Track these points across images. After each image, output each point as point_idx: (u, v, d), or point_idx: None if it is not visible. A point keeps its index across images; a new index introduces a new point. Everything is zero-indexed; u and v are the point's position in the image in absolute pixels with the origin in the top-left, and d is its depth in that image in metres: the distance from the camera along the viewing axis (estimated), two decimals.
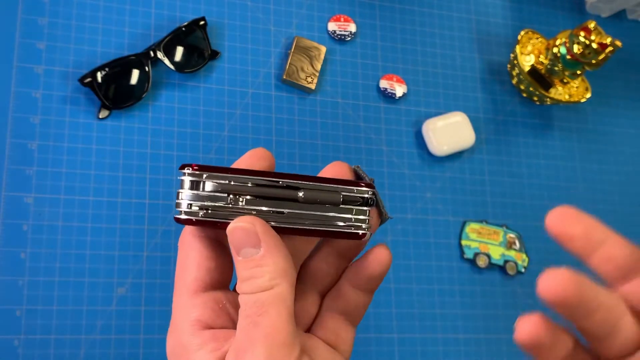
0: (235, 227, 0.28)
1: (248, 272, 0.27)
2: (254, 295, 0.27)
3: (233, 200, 0.28)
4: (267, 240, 0.27)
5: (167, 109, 0.64)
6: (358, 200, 0.29)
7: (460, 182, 0.73)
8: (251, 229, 0.27)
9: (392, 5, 0.76)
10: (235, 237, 0.28)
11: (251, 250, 0.27)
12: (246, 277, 0.27)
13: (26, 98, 0.60)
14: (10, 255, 0.56)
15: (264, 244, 0.27)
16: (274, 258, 0.27)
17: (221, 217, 0.28)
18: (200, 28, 0.66)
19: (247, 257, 0.27)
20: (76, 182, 0.60)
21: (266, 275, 0.27)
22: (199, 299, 0.29)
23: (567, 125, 0.80)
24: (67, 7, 0.63)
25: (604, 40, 0.69)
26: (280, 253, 0.27)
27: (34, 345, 0.55)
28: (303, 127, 0.69)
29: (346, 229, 0.29)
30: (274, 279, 0.27)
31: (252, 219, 0.28)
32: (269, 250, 0.27)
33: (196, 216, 0.28)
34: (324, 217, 0.29)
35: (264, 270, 0.27)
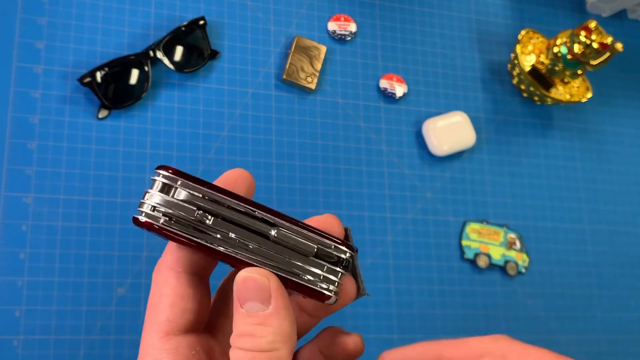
0: (248, 278, 0.25)
1: (249, 327, 0.25)
2: (250, 353, 0.25)
3: (200, 216, 0.26)
4: (278, 299, 0.25)
5: (166, 109, 0.64)
6: (333, 258, 0.27)
7: (461, 182, 0.73)
8: (264, 284, 0.25)
9: (392, 5, 0.76)
10: (245, 287, 0.26)
11: (258, 306, 0.25)
12: (245, 332, 0.25)
13: (25, 98, 0.60)
14: (9, 255, 0.56)
15: (274, 302, 0.25)
16: (281, 320, 0.25)
17: (183, 232, 0.26)
18: (200, 28, 0.66)
19: (251, 312, 0.25)
20: (75, 182, 0.60)
21: (269, 336, 0.25)
22: (171, 343, 0.27)
23: (568, 125, 0.80)
24: (66, 7, 0.63)
25: (605, 40, 0.69)
26: (288, 316, 0.26)
27: (33, 346, 0.55)
28: (303, 127, 0.68)
29: (311, 285, 0.26)
30: (276, 342, 0.25)
31: (267, 273, 0.26)
32: (278, 311, 0.25)
33: (156, 222, 0.26)
34: (291, 264, 0.26)
35: (267, 330, 0.25)
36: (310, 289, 0.27)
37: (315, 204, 0.66)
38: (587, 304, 0.74)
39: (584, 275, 0.75)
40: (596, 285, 0.75)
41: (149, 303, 0.28)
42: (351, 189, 0.68)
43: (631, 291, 0.77)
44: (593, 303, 0.74)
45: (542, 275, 0.73)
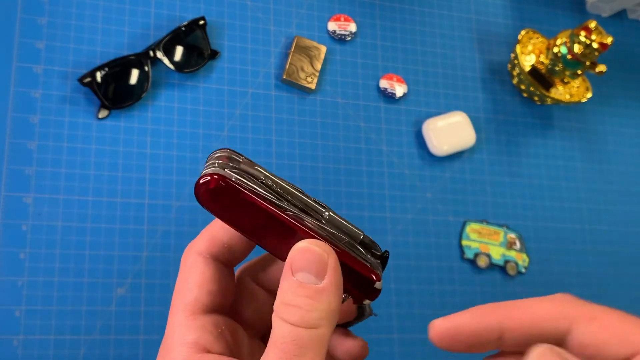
0: (308, 248, 0.25)
1: (297, 298, 0.25)
2: (295, 328, 0.24)
3: (266, 181, 0.26)
4: (333, 275, 0.25)
5: (166, 109, 0.64)
6: (376, 250, 0.27)
7: (461, 182, 0.73)
8: (323, 257, 0.25)
9: (392, 5, 0.76)
10: (303, 257, 0.25)
11: (311, 278, 0.25)
12: (292, 302, 0.25)
13: (25, 98, 0.60)
14: (9, 255, 0.56)
15: (328, 278, 0.25)
16: (331, 297, 0.25)
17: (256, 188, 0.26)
18: (200, 28, 0.66)
19: (303, 282, 0.25)
20: (75, 182, 0.60)
21: (316, 312, 0.25)
22: (198, 321, 0.27)
23: (568, 125, 0.80)
24: (66, 7, 0.63)
25: (605, 40, 0.69)
26: (337, 293, 0.25)
27: (33, 346, 0.55)
28: (303, 127, 0.68)
29: (365, 261, 0.27)
30: (322, 319, 0.25)
31: (328, 248, 0.26)
32: (330, 288, 0.25)
33: (230, 178, 0.25)
34: (343, 241, 0.27)
35: (316, 305, 0.25)
36: (362, 265, 0.26)
37: None
38: None
39: (584, 275, 0.75)
40: (596, 285, 0.75)
41: (177, 285, 0.28)
42: (351, 189, 0.68)
43: (631, 291, 0.77)
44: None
45: (542, 275, 0.73)
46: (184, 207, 0.62)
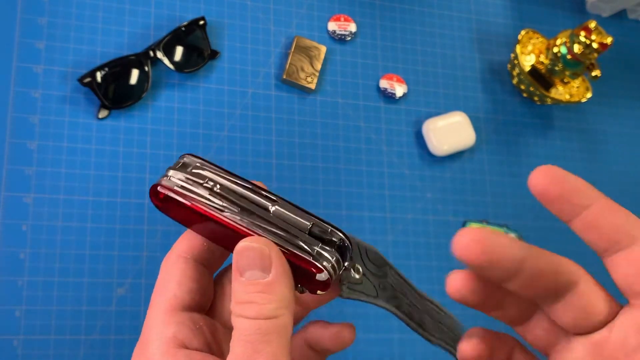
0: (247, 247, 0.26)
1: (248, 295, 0.25)
2: (255, 321, 0.25)
3: (209, 185, 0.27)
4: (278, 266, 0.26)
5: (166, 109, 0.64)
6: (327, 239, 0.27)
7: (461, 182, 0.73)
8: (265, 252, 0.26)
9: (392, 5, 0.76)
10: (245, 257, 0.26)
11: (258, 274, 0.26)
12: (245, 300, 0.25)
13: (25, 98, 0.60)
14: (9, 255, 0.56)
15: (274, 270, 0.26)
16: (282, 287, 0.26)
17: (192, 198, 0.27)
18: (200, 28, 0.66)
19: (251, 280, 0.26)
20: (75, 182, 0.60)
21: (272, 303, 0.25)
22: (177, 317, 0.27)
23: (568, 125, 0.80)
24: (66, 7, 0.63)
25: (605, 40, 0.69)
26: (288, 282, 0.26)
27: (33, 346, 0.55)
28: (303, 127, 0.68)
29: (304, 255, 0.27)
30: (280, 308, 0.25)
31: (267, 241, 0.26)
32: (278, 278, 0.26)
33: (172, 187, 0.27)
34: (287, 237, 0.27)
35: (269, 297, 0.25)
36: (302, 259, 0.27)
37: (315, 204, 0.66)
38: None
39: None
40: None
41: (157, 284, 0.29)
42: (351, 189, 0.68)
43: None
44: None
45: None
46: None
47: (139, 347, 0.27)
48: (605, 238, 0.26)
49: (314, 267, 0.27)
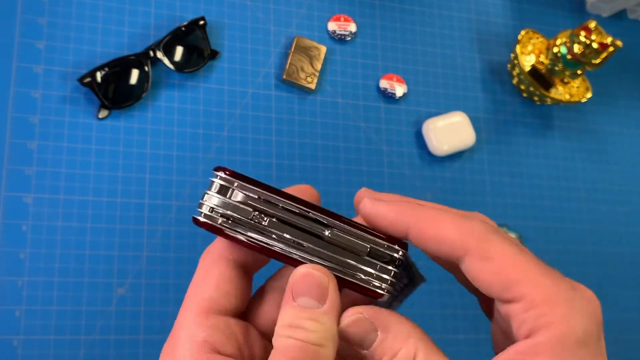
0: (307, 274, 0.26)
1: (298, 321, 0.25)
2: (300, 342, 0.25)
3: (257, 218, 0.27)
4: (334, 299, 0.26)
5: (166, 109, 0.64)
6: (385, 258, 0.28)
7: (460, 182, 0.73)
8: (324, 281, 0.26)
9: (392, 5, 0.76)
10: (304, 282, 0.26)
11: (312, 302, 0.26)
12: (294, 324, 0.25)
13: (25, 98, 0.60)
14: (9, 255, 0.56)
15: (330, 301, 0.26)
16: (332, 320, 0.26)
17: (240, 231, 0.27)
18: (200, 28, 0.66)
19: (305, 306, 0.26)
20: (75, 182, 0.60)
21: (319, 333, 0.25)
22: (211, 319, 0.27)
23: (567, 125, 0.80)
24: (66, 7, 0.63)
25: (605, 40, 0.69)
26: (337, 316, 0.26)
27: (33, 346, 0.55)
28: (303, 127, 0.68)
29: (364, 284, 0.27)
30: (326, 339, 0.25)
31: (327, 272, 0.26)
32: (332, 311, 0.26)
33: (215, 222, 0.27)
34: (344, 263, 0.27)
35: (319, 326, 0.25)
36: (363, 288, 0.27)
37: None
38: None
39: (584, 275, 0.75)
40: (596, 286, 0.75)
41: (192, 283, 0.28)
42: (351, 189, 0.68)
43: (631, 291, 0.77)
44: None
45: None
46: (184, 207, 0.62)
47: (169, 344, 0.27)
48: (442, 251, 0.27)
49: (374, 294, 0.27)
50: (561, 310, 0.24)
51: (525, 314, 0.24)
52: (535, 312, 0.24)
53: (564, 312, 0.24)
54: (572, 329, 0.24)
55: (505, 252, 0.25)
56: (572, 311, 0.24)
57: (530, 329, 0.24)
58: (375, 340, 0.26)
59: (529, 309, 0.24)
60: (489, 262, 0.25)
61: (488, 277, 0.25)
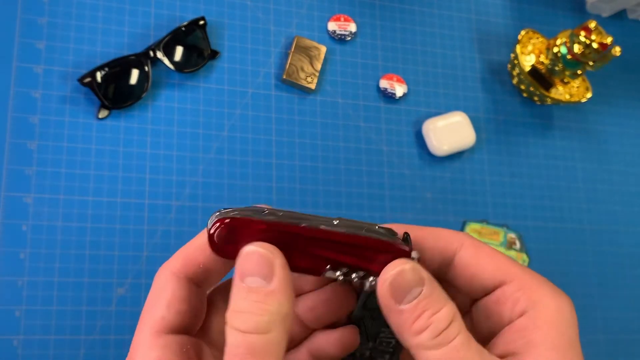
0: (252, 252, 0.25)
1: (247, 303, 0.25)
2: (247, 336, 0.24)
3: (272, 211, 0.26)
4: (281, 276, 0.25)
5: (166, 109, 0.64)
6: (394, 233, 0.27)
7: (461, 182, 0.73)
8: (269, 258, 0.25)
9: (392, 5, 0.76)
10: (248, 261, 0.25)
11: (259, 281, 0.25)
12: (242, 308, 0.25)
13: (25, 98, 0.60)
14: (9, 255, 0.56)
15: (276, 278, 0.25)
16: (281, 298, 0.25)
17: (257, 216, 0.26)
18: (200, 28, 0.66)
19: (252, 287, 0.25)
20: (75, 182, 0.60)
21: (267, 316, 0.24)
22: (162, 339, 0.27)
23: (567, 125, 0.80)
24: (66, 7, 0.63)
25: (605, 40, 0.69)
26: (288, 294, 0.25)
27: (33, 346, 0.55)
28: (303, 127, 0.68)
29: (386, 239, 0.26)
30: (273, 322, 0.24)
31: (273, 248, 0.26)
32: (280, 288, 0.25)
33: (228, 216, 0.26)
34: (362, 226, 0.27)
35: (266, 308, 0.24)
36: (387, 244, 0.26)
37: (315, 204, 0.66)
38: (587, 304, 0.74)
39: (584, 275, 0.75)
40: (596, 285, 0.75)
41: (146, 302, 0.28)
42: (351, 189, 0.68)
43: (631, 291, 0.77)
44: (593, 303, 0.74)
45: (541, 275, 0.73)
46: (184, 207, 0.62)
47: None
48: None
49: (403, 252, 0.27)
50: (549, 288, 0.27)
51: (518, 292, 0.27)
52: (528, 290, 0.27)
53: (552, 290, 0.27)
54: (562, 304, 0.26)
55: (495, 249, 0.29)
56: (558, 292, 0.27)
57: (525, 306, 0.26)
58: (419, 295, 0.25)
59: (521, 287, 0.27)
60: (483, 250, 0.28)
61: (483, 262, 0.28)
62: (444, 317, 0.25)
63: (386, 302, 0.26)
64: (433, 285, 0.26)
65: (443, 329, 0.25)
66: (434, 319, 0.25)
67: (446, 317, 0.25)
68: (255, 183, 0.65)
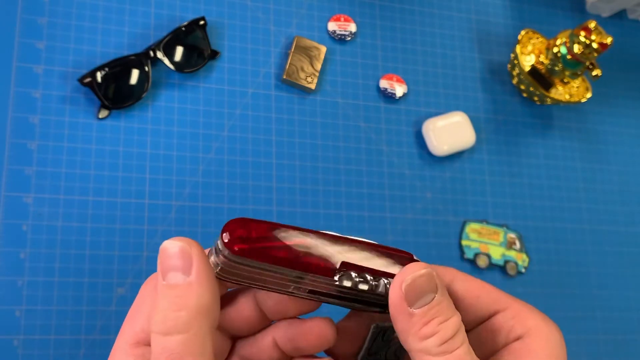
0: (170, 246, 0.24)
1: (166, 301, 0.24)
2: (166, 338, 0.23)
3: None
4: (199, 266, 0.24)
5: (166, 109, 0.64)
6: None
7: (460, 182, 0.73)
8: (185, 249, 0.24)
9: (392, 5, 0.76)
10: (166, 255, 0.24)
11: (179, 276, 0.24)
12: (162, 307, 0.24)
13: (25, 98, 0.60)
14: (9, 255, 0.56)
15: (195, 271, 0.24)
16: (200, 290, 0.24)
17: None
18: (200, 28, 0.66)
19: (171, 283, 0.24)
20: (75, 182, 0.60)
21: (184, 311, 0.23)
22: (139, 350, 0.26)
23: (567, 125, 0.80)
24: (66, 7, 0.63)
25: (605, 40, 0.69)
26: (208, 284, 0.24)
27: (33, 346, 0.55)
28: (303, 127, 0.68)
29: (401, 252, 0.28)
30: (193, 319, 0.23)
31: (190, 240, 0.25)
32: (199, 280, 0.24)
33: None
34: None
35: (182, 303, 0.23)
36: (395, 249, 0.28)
37: (315, 204, 0.66)
38: (587, 304, 0.74)
39: (584, 275, 0.75)
40: (596, 285, 0.75)
41: (130, 311, 0.28)
42: (351, 189, 0.68)
43: (631, 291, 0.77)
44: (593, 303, 0.74)
45: (542, 275, 0.73)
46: (184, 207, 0.62)
47: None
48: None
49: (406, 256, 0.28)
50: (541, 317, 0.29)
51: (512, 319, 0.29)
52: (522, 318, 0.28)
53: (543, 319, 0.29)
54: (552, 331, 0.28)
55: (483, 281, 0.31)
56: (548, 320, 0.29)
57: (519, 333, 0.28)
58: (431, 301, 0.26)
59: (514, 315, 0.29)
60: (474, 282, 0.30)
61: (476, 292, 0.30)
62: (451, 327, 0.25)
63: (397, 303, 0.26)
64: (444, 294, 0.26)
65: (449, 337, 0.25)
66: (441, 327, 0.25)
67: (453, 327, 0.26)
68: (255, 183, 0.65)
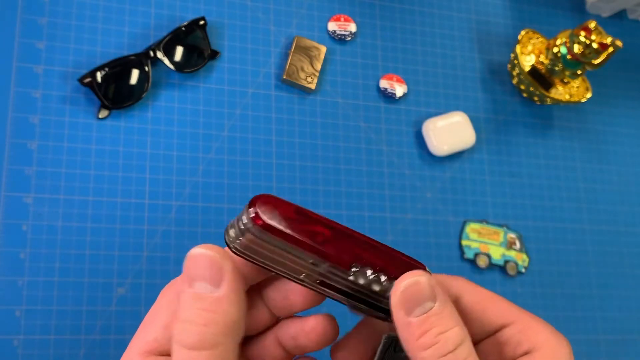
0: (201, 255, 0.23)
1: (192, 312, 0.23)
2: (191, 352, 0.22)
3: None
4: (230, 281, 0.23)
5: (166, 109, 0.64)
6: None
7: (460, 182, 0.73)
8: (217, 261, 0.23)
9: (392, 5, 0.76)
10: (195, 264, 0.23)
11: (207, 287, 0.23)
12: (188, 318, 0.23)
13: (25, 98, 0.60)
14: (9, 255, 0.56)
15: (225, 284, 0.23)
16: (230, 307, 0.23)
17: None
18: (200, 28, 0.66)
19: (200, 293, 0.23)
20: (76, 182, 0.60)
21: (213, 326, 0.22)
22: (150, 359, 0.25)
23: (567, 125, 0.80)
24: (66, 7, 0.63)
25: (605, 40, 0.69)
26: (238, 302, 0.23)
27: (33, 346, 0.55)
28: (303, 127, 0.68)
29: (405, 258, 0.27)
30: (220, 334, 0.23)
31: (222, 250, 0.24)
32: (228, 295, 0.23)
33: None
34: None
35: (212, 318, 0.23)
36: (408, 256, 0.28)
37: (315, 204, 0.66)
38: (587, 304, 0.74)
39: (584, 275, 0.75)
40: (596, 285, 0.75)
41: (146, 317, 0.27)
42: (351, 189, 0.68)
43: (631, 291, 0.77)
44: (593, 303, 0.74)
45: (542, 275, 0.73)
46: (184, 207, 0.62)
47: None
48: None
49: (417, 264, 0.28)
50: (550, 331, 0.28)
51: (520, 333, 0.28)
52: (530, 332, 0.28)
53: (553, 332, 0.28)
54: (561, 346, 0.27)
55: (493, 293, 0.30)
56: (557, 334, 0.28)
57: (527, 347, 0.27)
58: (429, 310, 0.25)
59: (522, 329, 0.28)
60: (484, 295, 0.29)
61: (484, 304, 0.29)
62: (452, 338, 0.24)
63: (396, 311, 0.25)
64: (445, 304, 0.25)
65: (450, 350, 0.24)
66: (440, 338, 0.24)
67: (454, 339, 0.24)
68: (255, 183, 0.65)
